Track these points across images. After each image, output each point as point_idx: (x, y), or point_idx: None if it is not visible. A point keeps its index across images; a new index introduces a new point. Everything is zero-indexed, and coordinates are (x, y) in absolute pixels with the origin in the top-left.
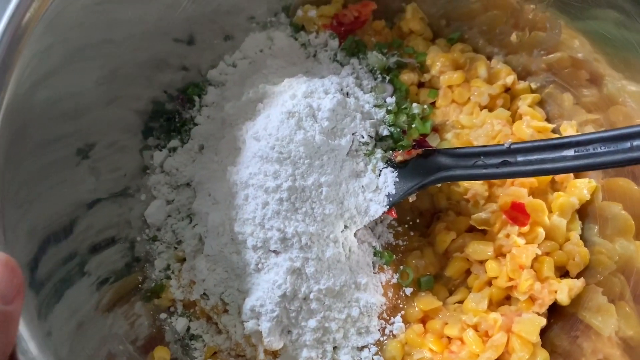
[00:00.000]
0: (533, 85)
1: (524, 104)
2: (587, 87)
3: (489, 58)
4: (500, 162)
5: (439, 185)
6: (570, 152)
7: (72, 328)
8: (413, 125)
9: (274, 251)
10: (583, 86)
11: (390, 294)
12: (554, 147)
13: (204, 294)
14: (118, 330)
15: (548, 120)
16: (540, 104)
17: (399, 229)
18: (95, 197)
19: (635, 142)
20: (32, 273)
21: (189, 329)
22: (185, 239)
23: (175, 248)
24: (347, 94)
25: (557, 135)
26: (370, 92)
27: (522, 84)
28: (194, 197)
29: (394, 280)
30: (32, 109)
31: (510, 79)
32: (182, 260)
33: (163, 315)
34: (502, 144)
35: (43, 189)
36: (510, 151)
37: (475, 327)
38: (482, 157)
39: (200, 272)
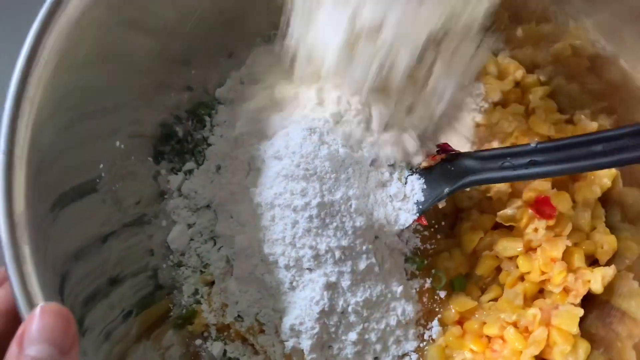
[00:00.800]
0: (542, 78)
1: (535, 97)
2: (591, 75)
3: (495, 55)
4: (528, 162)
5: None
6: (599, 148)
7: None
8: None
9: (308, 269)
10: (587, 74)
11: (425, 299)
12: (582, 144)
13: (238, 316)
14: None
15: (560, 111)
16: (551, 95)
17: (425, 233)
18: (109, 230)
19: None
20: None
21: (225, 352)
22: (212, 262)
23: (202, 272)
24: None
25: (580, 128)
26: None
27: (531, 77)
28: (215, 219)
29: (427, 285)
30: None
31: (519, 73)
32: (210, 283)
33: (198, 341)
34: (529, 144)
35: (56, 227)
36: (537, 150)
37: (515, 324)
38: (508, 158)
39: (232, 294)
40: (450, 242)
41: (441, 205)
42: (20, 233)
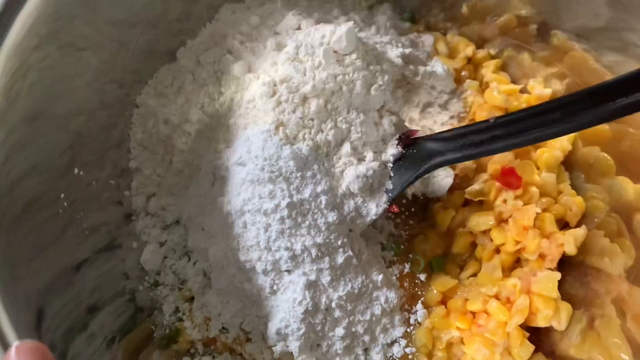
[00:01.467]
0: (492, 52)
1: (487, 71)
2: (538, 42)
3: (444, 34)
4: (489, 137)
5: None
6: (557, 115)
7: None
8: None
9: (287, 270)
10: (535, 42)
11: (406, 284)
12: (539, 114)
13: (223, 327)
14: None
15: (513, 82)
16: (503, 68)
17: (398, 220)
18: (80, 259)
19: (620, 93)
20: None
21: None
22: (189, 278)
23: (180, 289)
24: None
25: (534, 96)
26: None
27: (481, 52)
28: (186, 234)
29: (407, 270)
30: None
31: (469, 49)
32: (190, 299)
33: (185, 359)
34: (487, 120)
35: (25, 263)
36: (497, 125)
37: (497, 296)
38: (470, 137)
39: (214, 307)
40: (423, 225)
41: (410, 191)
42: None
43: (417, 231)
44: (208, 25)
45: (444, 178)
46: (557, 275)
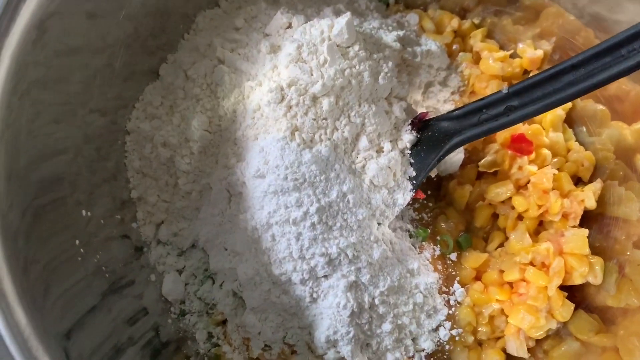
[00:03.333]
0: (475, 21)
1: (476, 41)
2: (512, 4)
3: (425, 10)
4: (504, 109)
5: None
6: (570, 77)
7: None
8: None
9: (324, 276)
10: (508, 5)
11: (439, 267)
12: (552, 77)
13: (265, 345)
14: None
15: (501, 48)
16: (489, 36)
17: (416, 205)
18: (97, 301)
19: (627, 48)
20: None
21: None
22: (219, 301)
23: (209, 313)
24: None
25: (527, 59)
26: None
27: (466, 23)
28: (206, 257)
29: (437, 253)
30: None
31: (454, 22)
32: (221, 323)
33: None
34: (500, 91)
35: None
36: (511, 95)
37: (532, 263)
38: (484, 110)
39: (252, 326)
40: (442, 204)
41: (433, 174)
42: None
43: (437, 212)
44: (187, 37)
45: (455, 154)
46: (585, 232)
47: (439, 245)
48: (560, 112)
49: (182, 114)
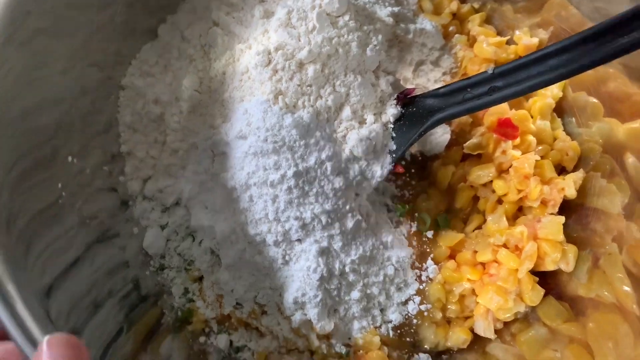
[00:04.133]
0: (475, 5)
1: (473, 25)
2: None
3: None
4: (488, 89)
5: None
6: (554, 61)
7: None
8: None
9: (297, 240)
10: None
11: (414, 243)
12: (537, 61)
13: (237, 303)
14: None
15: (499, 34)
16: (487, 21)
17: (399, 181)
18: (80, 252)
19: (613, 34)
20: None
21: (231, 343)
22: (196, 258)
23: (187, 269)
24: None
25: (523, 46)
26: None
27: (465, 7)
28: (188, 214)
29: (414, 229)
30: None
31: (454, 4)
32: (198, 279)
33: (202, 339)
34: (486, 72)
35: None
36: (496, 76)
37: (505, 245)
38: (469, 89)
39: (225, 284)
40: (424, 184)
41: (409, 151)
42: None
43: (419, 190)
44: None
45: (441, 135)
46: (561, 219)
47: (416, 222)
48: (549, 100)
49: (175, 73)
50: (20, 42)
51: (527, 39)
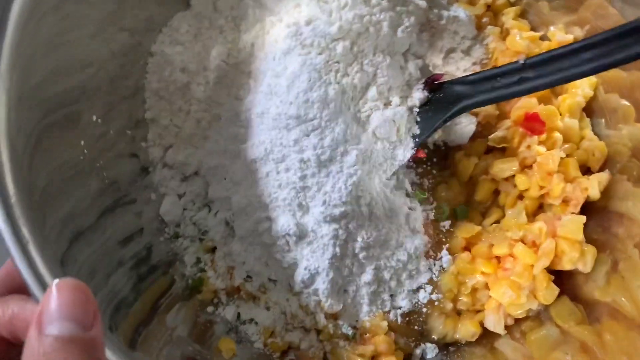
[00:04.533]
0: None
1: (507, 18)
2: None
3: None
4: (518, 79)
5: None
6: (588, 55)
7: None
8: None
9: (313, 216)
10: None
11: (430, 231)
12: (570, 53)
13: (247, 276)
14: (180, 332)
15: (533, 29)
16: (522, 15)
17: (420, 169)
18: (97, 215)
19: None
20: None
21: (239, 315)
22: (211, 228)
23: (201, 240)
24: None
25: (557, 42)
26: None
27: (500, 0)
28: (206, 185)
29: (431, 217)
30: None
31: None
32: (211, 250)
33: (210, 309)
34: (516, 62)
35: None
36: (527, 67)
37: (522, 240)
38: (498, 79)
39: (238, 255)
40: (445, 174)
41: (432, 139)
42: (17, 216)
43: (439, 180)
44: None
45: (466, 125)
46: (582, 219)
47: (434, 211)
48: (580, 99)
49: (204, 43)
50: (52, 6)
51: (562, 35)
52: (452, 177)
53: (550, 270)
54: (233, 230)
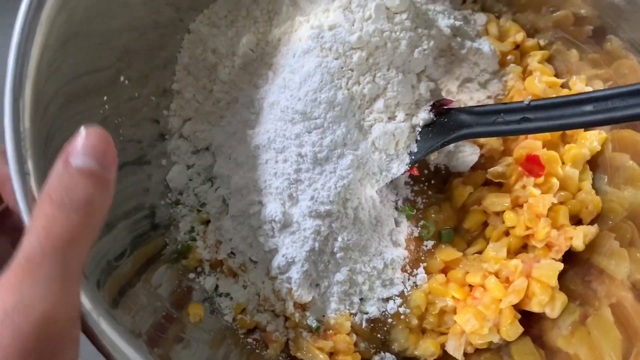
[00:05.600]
0: (541, 42)
1: (533, 60)
2: (591, 43)
3: (498, 17)
4: (520, 118)
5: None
6: (589, 107)
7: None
8: None
9: (299, 209)
10: (587, 42)
11: (412, 247)
12: (573, 103)
13: (231, 252)
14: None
15: (556, 75)
16: (549, 60)
17: (416, 187)
18: None
19: None
20: None
21: (217, 287)
22: (209, 202)
23: (199, 211)
24: None
25: (574, 92)
26: None
27: (530, 41)
28: (213, 161)
29: (415, 234)
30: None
31: (519, 36)
32: (206, 222)
33: (191, 275)
34: (522, 101)
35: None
36: (530, 108)
37: (497, 274)
38: (502, 114)
39: (226, 231)
40: (440, 197)
41: (433, 157)
42: (25, 149)
43: (433, 201)
44: None
45: (469, 154)
46: (560, 266)
47: (420, 229)
48: (585, 151)
49: (238, 30)
50: None
51: (581, 86)
52: (445, 201)
53: (519, 309)
54: (228, 207)
